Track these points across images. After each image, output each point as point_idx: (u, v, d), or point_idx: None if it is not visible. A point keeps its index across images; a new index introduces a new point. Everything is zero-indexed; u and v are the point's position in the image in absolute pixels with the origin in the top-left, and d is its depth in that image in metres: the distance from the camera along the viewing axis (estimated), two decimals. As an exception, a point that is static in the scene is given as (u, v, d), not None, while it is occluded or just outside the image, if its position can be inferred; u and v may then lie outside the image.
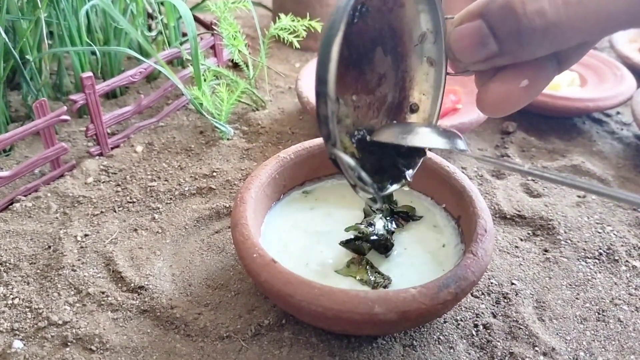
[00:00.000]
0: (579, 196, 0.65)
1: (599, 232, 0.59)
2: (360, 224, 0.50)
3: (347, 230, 0.51)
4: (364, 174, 0.37)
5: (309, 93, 0.71)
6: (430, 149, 0.43)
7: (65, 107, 0.63)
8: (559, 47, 0.30)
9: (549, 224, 0.59)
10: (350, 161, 0.35)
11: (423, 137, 0.38)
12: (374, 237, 0.49)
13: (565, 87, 0.81)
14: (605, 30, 0.28)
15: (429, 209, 0.55)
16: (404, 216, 0.53)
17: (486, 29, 0.30)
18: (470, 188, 0.51)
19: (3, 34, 0.64)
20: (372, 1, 0.36)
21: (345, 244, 0.49)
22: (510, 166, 0.36)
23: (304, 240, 0.51)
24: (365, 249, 0.48)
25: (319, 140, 0.56)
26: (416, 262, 0.49)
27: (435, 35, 0.38)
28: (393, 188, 0.42)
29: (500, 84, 0.33)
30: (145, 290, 0.50)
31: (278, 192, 0.55)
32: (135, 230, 0.57)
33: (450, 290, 0.42)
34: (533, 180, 0.67)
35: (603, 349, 0.47)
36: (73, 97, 0.64)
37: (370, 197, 0.39)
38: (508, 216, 0.61)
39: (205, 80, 0.71)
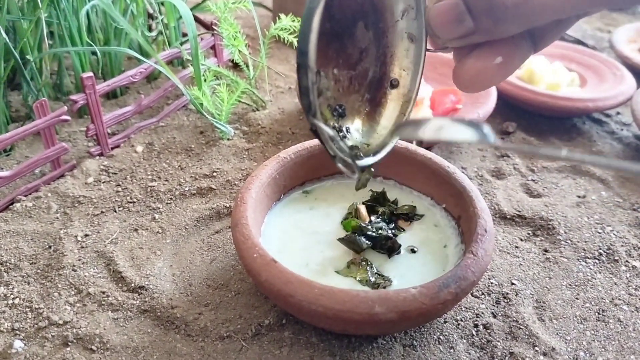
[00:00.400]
0: (578, 196, 0.65)
1: (599, 232, 0.59)
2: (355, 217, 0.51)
3: (342, 223, 0.51)
4: (342, 144, 0.37)
5: (309, 93, 0.71)
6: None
7: (65, 107, 0.63)
8: (531, 24, 0.31)
9: (549, 224, 0.60)
10: (330, 131, 0.36)
11: (449, 131, 0.37)
12: (372, 233, 0.49)
13: (565, 87, 0.81)
14: (576, 8, 0.29)
15: (429, 209, 0.55)
16: (405, 217, 0.53)
17: (462, 6, 0.31)
18: (471, 188, 0.51)
19: (3, 34, 0.64)
20: None
21: (343, 239, 0.49)
22: (546, 154, 0.34)
23: (304, 240, 0.51)
24: (362, 243, 0.48)
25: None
26: (417, 262, 0.49)
27: (416, 12, 0.38)
28: (370, 160, 0.42)
29: (476, 60, 0.34)
30: (146, 290, 0.50)
31: (278, 192, 0.55)
32: (136, 230, 0.58)
33: (451, 290, 0.42)
34: (533, 181, 0.67)
35: (603, 349, 0.47)
36: (73, 97, 0.64)
37: (348, 168, 0.39)
38: (508, 216, 0.61)
39: (205, 80, 0.72)
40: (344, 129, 0.43)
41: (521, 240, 0.58)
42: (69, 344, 0.45)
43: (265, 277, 0.42)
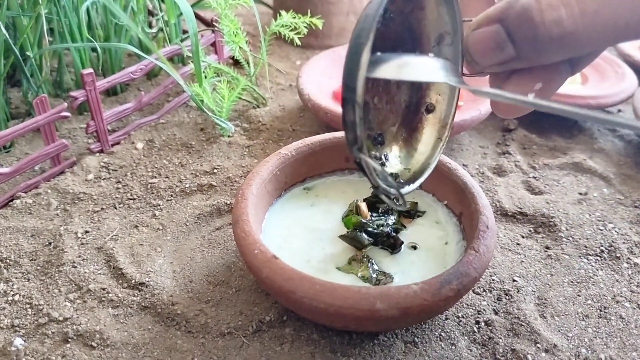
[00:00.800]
0: (580, 194, 0.64)
1: (601, 230, 0.59)
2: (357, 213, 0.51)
3: (343, 220, 0.51)
4: (389, 177, 0.37)
5: (310, 90, 0.71)
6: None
7: (65, 104, 0.63)
8: (575, 54, 0.30)
9: (551, 222, 0.59)
10: (377, 165, 0.36)
11: (413, 69, 0.34)
12: (373, 230, 0.49)
13: (566, 84, 0.80)
14: (620, 39, 0.29)
15: (431, 206, 0.55)
16: (407, 214, 0.53)
17: (504, 34, 0.30)
18: (472, 185, 0.51)
19: (4, 30, 0.64)
20: (395, 4, 0.36)
21: (344, 236, 0.49)
22: (512, 97, 0.34)
23: (305, 236, 0.51)
24: (364, 240, 0.48)
25: (320, 137, 0.56)
26: (418, 259, 0.49)
27: (453, 37, 0.38)
28: (412, 187, 0.42)
29: (515, 87, 0.33)
30: (146, 286, 0.50)
31: (279, 188, 0.54)
32: (136, 226, 0.57)
33: (452, 287, 0.42)
34: (534, 178, 0.67)
35: (605, 346, 0.47)
36: (74, 93, 0.63)
37: (391, 198, 0.39)
38: (509, 213, 0.61)
39: (206, 77, 0.71)
40: (383, 157, 0.43)
41: (522, 237, 0.58)
42: (69, 340, 0.45)
43: (266, 274, 0.42)
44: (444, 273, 0.42)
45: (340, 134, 0.57)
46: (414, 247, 0.50)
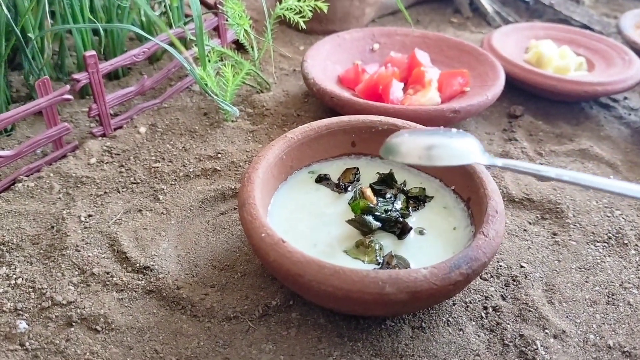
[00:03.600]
0: (587, 180, 0.64)
1: (608, 216, 0.58)
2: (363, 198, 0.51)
3: (351, 205, 0.50)
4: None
5: (315, 75, 0.70)
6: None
7: (67, 86, 0.62)
8: None
9: (558, 208, 0.59)
10: None
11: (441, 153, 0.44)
12: (381, 214, 0.49)
13: (573, 71, 0.80)
14: None
15: (438, 191, 0.54)
16: (415, 200, 0.53)
17: None
18: (481, 170, 0.50)
19: (5, 11, 0.63)
20: None
21: (352, 221, 0.49)
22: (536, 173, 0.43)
23: (311, 220, 0.50)
24: (372, 225, 0.48)
25: (327, 121, 0.56)
26: (426, 244, 0.48)
27: None
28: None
29: None
30: (151, 270, 0.49)
31: (285, 172, 0.54)
32: (140, 211, 0.57)
33: (462, 271, 0.41)
34: (541, 165, 0.66)
35: (613, 332, 0.46)
36: (76, 76, 0.62)
37: None
38: (516, 199, 0.60)
39: (209, 60, 0.70)
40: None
41: (530, 223, 0.58)
42: (73, 324, 0.45)
43: (274, 257, 0.42)
44: (454, 257, 0.42)
45: (347, 118, 0.56)
46: (422, 233, 0.49)
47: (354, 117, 0.56)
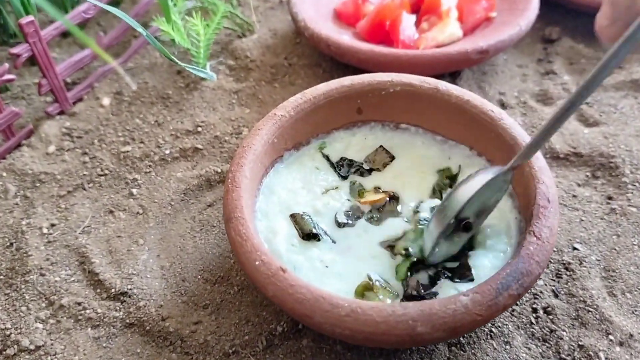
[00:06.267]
0: (643, 119, 0.53)
1: (673, 168, 0.48)
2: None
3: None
4: None
5: (306, 14, 0.57)
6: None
7: (6, 65, 0.51)
8: None
9: (611, 162, 0.49)
10: None
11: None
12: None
13: None
14: None
15: (470, 160, 0.44)
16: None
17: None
18: (524, 140, 0.40)
19: None
20: None
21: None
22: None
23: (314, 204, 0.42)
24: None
25: (324, 87, 0.44)
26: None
27: None
28: None
29: None
30: (129, 296, 0.41)
31: (278, 156, 0.44)
32: (111, 212, 0.48)
33: (512, 292, 0.33)
34: (587, 104, 0.55)
35: (692, 329, 0.38)
36: (15, 50, 0.51)
37: None
38: (561, 155, 0.50)
39: (175, 4, 0.57)
40: None
41: (579, 185, 0.48)
42: (45, 375, 0.37)
43: (274, 292, 0.33)
44: (501, 274, 0.33)
45: (349, 80, 0.45)
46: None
47: (357, 78, 0.45)
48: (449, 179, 0.44)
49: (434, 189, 0.43)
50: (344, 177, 0.44)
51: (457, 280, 0.37)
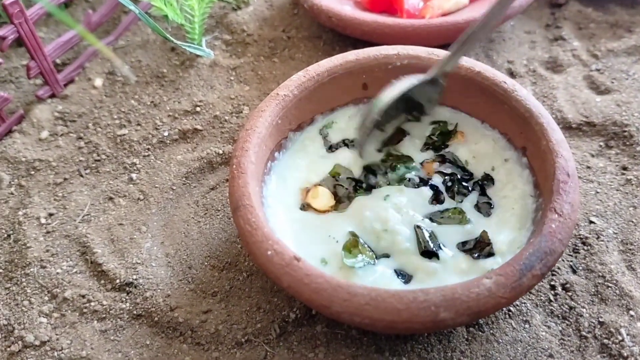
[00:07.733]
0: (656, 85, 0.51)
1: (689, 135, 0.47)
2: None
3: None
4: None
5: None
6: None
7: (-10, 47, 0.48)
8: None
9: (625, 131, 0.47)
10: None
11: None
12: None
13: None
14: None
15: (479, 132, 0.42)
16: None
17: None
18: (540, 112, 0.38)
19: None
20: None
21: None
22: None
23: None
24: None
25: (328, 63, 0.42)
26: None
27: None
28: None
29: None
30: (135, 287, 0.40)
31: (283, 137, 0.42)
32: (111, 199, 0.46)
33: (535, 272, 0.31)
34: (598, 71, 0.53)
35: None
36: (0, 32, 0.48)
37: None
38: (574, 125, 0.48)
39: (166, -23, 0.55)
40: None
41: (592, 156, 0.47)
42: (53, 371, 0.36)
43: (289, 283, 0.32)
44: (523, 254, 0.32)
45: (354, 55, 0.43)
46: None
47: (362, 53, 0.43)
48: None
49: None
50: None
51: (476, 255, 0.36)
